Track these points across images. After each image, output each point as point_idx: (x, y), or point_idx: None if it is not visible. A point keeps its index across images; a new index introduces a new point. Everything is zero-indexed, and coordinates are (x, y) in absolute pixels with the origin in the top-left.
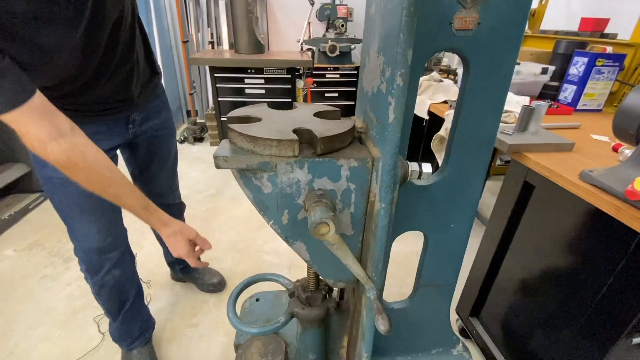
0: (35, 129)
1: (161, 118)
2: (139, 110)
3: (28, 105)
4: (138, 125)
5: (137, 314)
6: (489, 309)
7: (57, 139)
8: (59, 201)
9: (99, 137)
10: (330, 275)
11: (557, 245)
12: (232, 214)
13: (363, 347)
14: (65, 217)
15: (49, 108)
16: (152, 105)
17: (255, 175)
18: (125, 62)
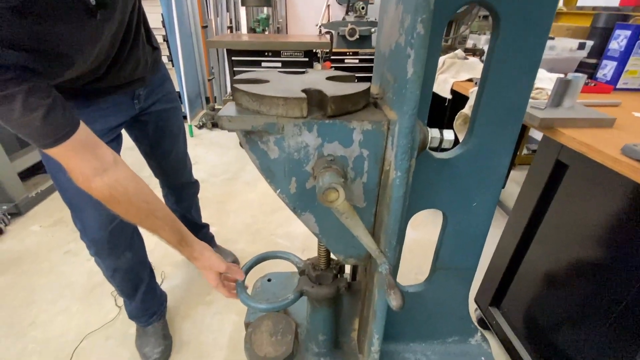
0: (80, 164)
1: (165, 90)
2: (143, 85)
3: (73, 139)
4: (143, 100)
5: (154, 292)
6: (511, 300)
7: (101, 175)
8: (63, 183)
9: (106, 113)
10: (340, 250)
11: (591, 231)
12: (247, 197)
13: (374, 327)
14: (70, 200)
15: (92, 140)
16: (155, 78)
17: (262, 139)
18: (137, 43)
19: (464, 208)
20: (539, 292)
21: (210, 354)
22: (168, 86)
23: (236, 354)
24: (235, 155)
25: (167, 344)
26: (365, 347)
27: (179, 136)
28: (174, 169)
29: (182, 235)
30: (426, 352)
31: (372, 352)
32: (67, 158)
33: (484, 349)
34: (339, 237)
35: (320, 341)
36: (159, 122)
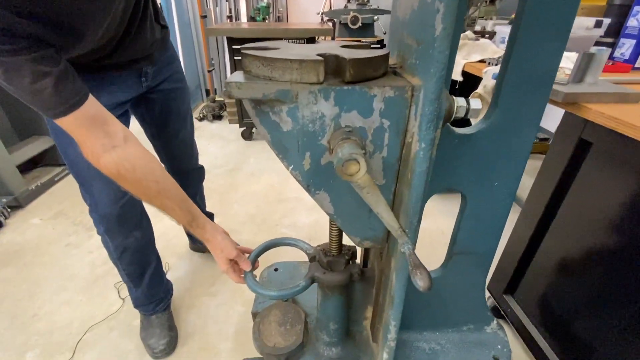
0: (89, 139)
1: (173, 70)
2: (151, 64)
3: (83, 109)
4: (151, 78)
5: (161, 278)
6: (526, 287)
7: (109, 151)
8: (72, 157)
9: (112, 89)
10: (356, 232)
11: (615, 214)
12: (251, 188)
13: (391, 314)
14: (79, 174)
15: (102, 115)
16: (163, 57)
17: (273, 110)
18: (145, 20)
19: (485, 188)
20: (557, 279)
21: (216, 345)
22: (176, 66)
23: (243, 344)
24: (237, 147)
25: (172, 336)
26: (381, 336)
27: (187, 119)
28: (181, 153)
29: (194, 215)
30: (440, 340)
31: (388, 340)
32: (77, 130)
33: (501, 337)
34: (355, 217)
35: (332, 330)
36: (166, 102)
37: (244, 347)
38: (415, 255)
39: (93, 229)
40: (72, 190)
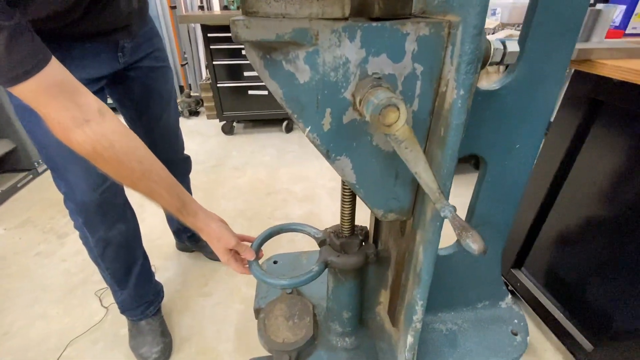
0: (56, 111)
1: (154, 46)
2: (129, 37)
3: (45, 74)
4: (129, 54)
5: (149, 277)
6: (535, 260)
7: (82, 126)
8: (41, 139)
9: (84, 63)
10: (380, 204)
11: (626, 178)
12: (237, 183)
13: (418, 293)
14: (51, 158)
15: (71, 83)
16: (142, 32)
17: (287, 57)
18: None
19: (506, 152)
20: (566, 249)
21: (216, 347)
22: (157, 42)
23: (246, 344)
24: (217, 142)
25: (166, 342)
26: (402, 319)
27: (170, 102)
28: (164, 140)
29: (184, 202)
30: (457, 320)
31: (413, 322)
32: (40, 101)
33: (516, 311)
34: (379, 186)
35: (345, 319)
36: (146, 81)
37: (248, 347)
38: (460, 217)
39: (65, 236)
40: (39, 196)
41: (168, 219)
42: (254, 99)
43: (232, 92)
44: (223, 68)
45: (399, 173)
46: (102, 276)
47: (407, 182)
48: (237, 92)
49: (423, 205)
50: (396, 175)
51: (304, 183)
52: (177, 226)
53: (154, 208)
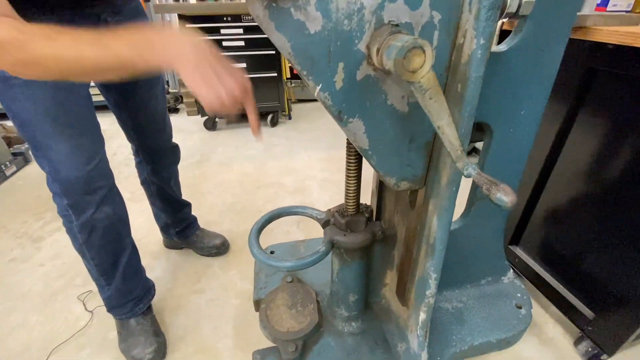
0: None
1: (140, 24)
2: (112, 11)
3: None
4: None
5: (138, 269)
6: (530, 236)
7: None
8: (22, 111)
9: None
10: (393, 171)
11: (618, 150)
12: (224, 177)
13: (431, 266)
14: (31, 134)
15: None
16: (127, 8)
17: (297, 3)
18: None
19: (512, 117)
20: (561, 222)
21: (214, 345)
22: (142, 20)
23: (246, 339)
24: (200, 138)
25: (160, 342)
26: (413, 296)
27: (158, 86)
28: (152, 126)
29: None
30: (461, 298)
31: (426, 296)
32: None
33: (518, 285)
34: (393, 152)
35: (351, 302)
36: None
37: (248, 342)
38: (484, 173)
39: (41, 240)
40: (9, 201)
41: (155, 215)
42: None
43: None
44: None
45: (414, 137)
46: (88, 269)
47: (421, 147)
48: None
49: (437, 172)
50: (410, 139)
51: (293, 175)
52: (165, 221)
53: (136, 206)
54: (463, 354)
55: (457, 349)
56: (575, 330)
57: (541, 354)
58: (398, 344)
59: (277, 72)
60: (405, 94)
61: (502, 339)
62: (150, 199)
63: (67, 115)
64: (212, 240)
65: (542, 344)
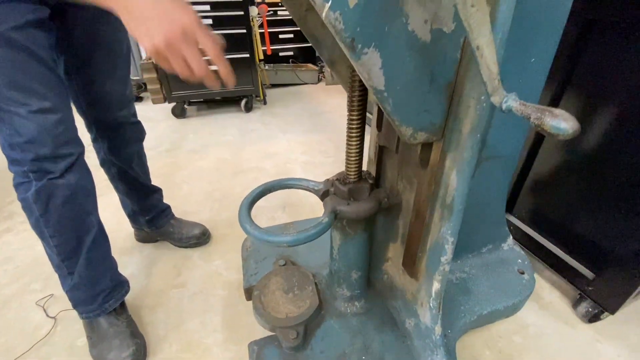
0: None
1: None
2: None
3: None
4: None
5: (107, 254)
6: (524, 202)
7: None
8: None
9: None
10: (410, 118)
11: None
12: (198, 165)
13: (448, 229)
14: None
15: None
16: None
17: None
18: None
19: (521, 68)
20: (553, 188)
21: (202, 340)
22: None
23: (237, 331)
24: (168, 126)
25: (138, 343)
26: (424, 266)
27: (120, 52)
28: (110, 98)
29: None
30: (464, 268)
31: (441, 264)
32: None
33: (518, 251)
34: (411, 93)
35: (354, 280)
36: (90, 29)
37: (240, 334)
38: None
39: None
40: None
41: (121, 201)
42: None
43: None
44: None
45: (434, 75)
46: (48, 255)
47: (442, 89)
48: None
49: (457, 119)
50: (431, 78)
51: (273, 159)
52: (132, 208)
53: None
54: (472, 324)
55: (466, 320)
56: (572, 293)
57: (542, 318)
58: (406, 320)
59: (250, 53)
60: (428, 17)
61: (509, 306)
62: (112, 183)
63: (29, 78)
64: (191, 230)
65: (541, 308)
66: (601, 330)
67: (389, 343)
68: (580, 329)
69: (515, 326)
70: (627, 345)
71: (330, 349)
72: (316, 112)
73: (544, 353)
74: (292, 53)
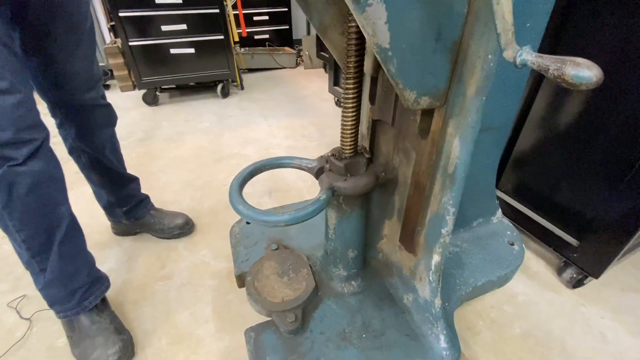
0: None
1: None
2: None
3: None
4: None
5: (81, 248)
6: (510, 176)
7: None
8: None
9: None
10: (415, 81)
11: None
12: (175, 154)
13: (450, 199)
14: None
15: None
16: None
17: None
18: None
19: (517, 31)
20: (536, 163)
21: (193, 331)
22: None
23: (230, 320)
24: (140, 114)
25: (125, 339)
26: (423, 240)
27: (83, 26)
28: (72, 75)
29: None
30: (456, 242)
31: (442, 235)
32: None
33: (506, 223)
34: (416, 52)
35: (350, 260)
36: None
37: (233, 323)
38: None
39: None
40: None
41: (95, 193)
42: (177, 59)
43: (149, 52)
44: (132, 22)
45: (441, 32)
46: (17, 253)
47: (448, 48)
48: (156, 52)
49: (462, 82)
50: (437, 35)
51: (255, 145)
52: (107, 199)
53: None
54: (468, 295)
55: (462, 292)
56: (556, 262)
57: (530, 287)
58: (404, 296)
59: (224, 34)
60: None
61: (502, 276)
62: (84, 172)
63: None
64: (173, 220)
65: (529, 278)
66: (584, 294)
67: (388, 319)
68: (565, 294)
69: (506, 296)
70: (609, 306)
71: (330, 330)
72: (297, 97)
73: (533, 319)
74: (268, 36)
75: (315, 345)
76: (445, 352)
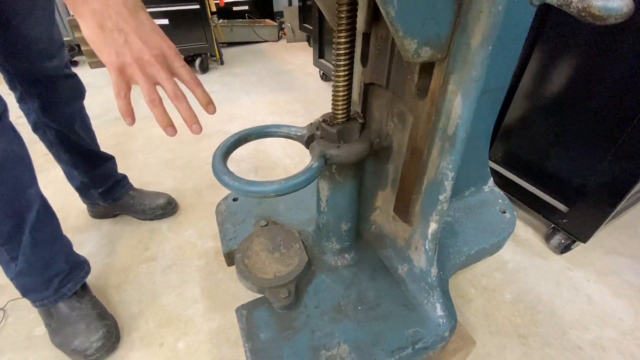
0: None
1: None
2: None
3: None
4: None
5: (56, 232)
6: (499, 146)
7: None
8: None
9: None
10: (416, 28)
11: (570, 66)
12: (153, 132)
13: (448, 163)
14: None
15: None
16: None
17: None
18: None
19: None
20: (525, 132)
21: (182, 313)
22: None
23: (220, 298)
24: (112, 92)
25: (108, 324)
26: (419, 208)
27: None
28: (28, 41)
29: None
30: (449, 212)
31: (439, 202)
32: None
33: (497, 192)
34: None
35: (344, 232)
36: None
37: (222, 301)
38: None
39: None
40: None
41: (66, 174)
42: None
43: None
44: None
45: None
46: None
47: None
48: None
49: (466, 31)
50: None
51: (239, 121)
52: (80, 180)
53: (44, 175)
54: (462, 263)
55: (456, 260)
56: (544, 229)
57: (519, 254)
58: (399, 267)
59: (200, 4)
60: None
61: (494, 244)
62: (52, 151)
63: None
64: (155, 200)
65: (518, 245)
66: (571, 259)
67: (383, 290)
68: (553, 260)
69: (496, 264)
70: (594, 270)
71: (324, 303)
72: (280, 71)
73: (522, 285)
74: (248, 7)
75: (311, 319)
76: (442, 320)
